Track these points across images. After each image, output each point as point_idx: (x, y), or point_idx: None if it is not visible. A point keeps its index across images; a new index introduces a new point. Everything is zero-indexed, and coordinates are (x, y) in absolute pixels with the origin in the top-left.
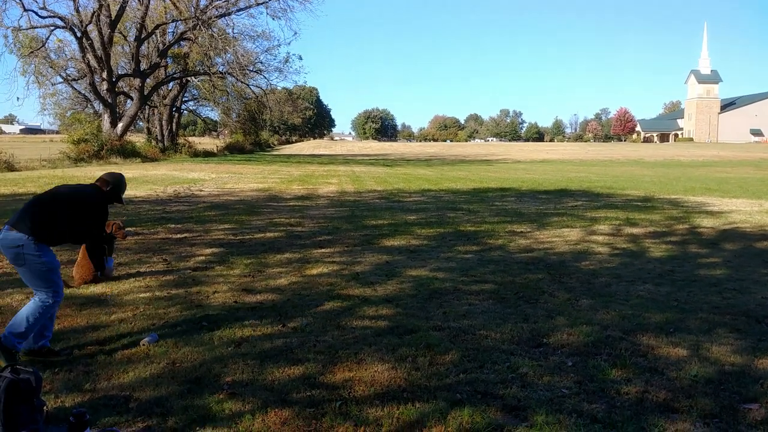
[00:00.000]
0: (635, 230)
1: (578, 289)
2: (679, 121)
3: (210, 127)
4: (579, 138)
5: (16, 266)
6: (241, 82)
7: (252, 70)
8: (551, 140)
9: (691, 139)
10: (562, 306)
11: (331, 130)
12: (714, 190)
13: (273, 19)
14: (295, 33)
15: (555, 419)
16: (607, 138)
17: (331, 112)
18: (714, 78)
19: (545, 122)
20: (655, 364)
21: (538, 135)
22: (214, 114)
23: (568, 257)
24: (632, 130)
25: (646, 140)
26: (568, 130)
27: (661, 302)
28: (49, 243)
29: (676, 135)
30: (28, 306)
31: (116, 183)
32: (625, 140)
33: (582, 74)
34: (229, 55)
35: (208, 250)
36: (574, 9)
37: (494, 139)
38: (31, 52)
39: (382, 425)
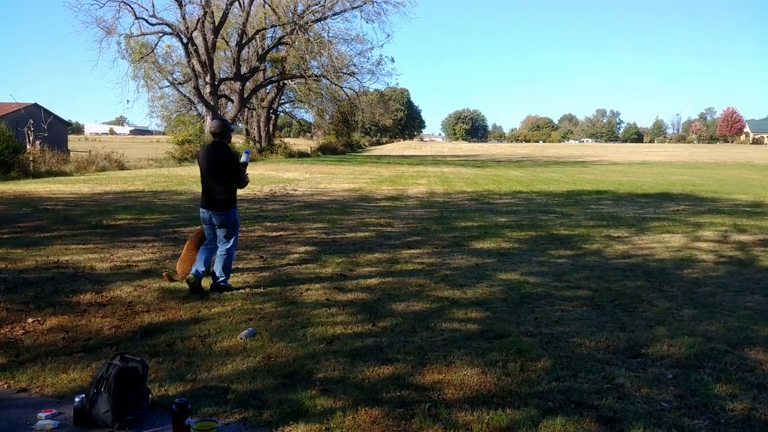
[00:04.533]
0: (743, 237)
1: (680, 298)
2: None
3: (304, 129)
4: (681, 139)
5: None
6: (335, 84)
7: (345, 73)
8: (651, 141)
9: None
10: (663, 315)
11: (421, 131)
12: None
13: (367, 22)
14: (388, 35)
15: None
16: (712, 139)
17: (421, 114)
18: None
19: (645, 122)
20: (763, 380)
21: (636, 136)
22: (308, 116)
23: (669, 264)
24: (740, 131)
25: (756, 142)
26: (669, 131)
27: None
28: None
29: None
30: (221, 256)
31: None
32: (732, 142)
33: (685, 71)
34: (324, 59)
35: (302, 248)
36: (672, 1)
37: (590, 140)
38: (141, 57)
39: (472, 429)
